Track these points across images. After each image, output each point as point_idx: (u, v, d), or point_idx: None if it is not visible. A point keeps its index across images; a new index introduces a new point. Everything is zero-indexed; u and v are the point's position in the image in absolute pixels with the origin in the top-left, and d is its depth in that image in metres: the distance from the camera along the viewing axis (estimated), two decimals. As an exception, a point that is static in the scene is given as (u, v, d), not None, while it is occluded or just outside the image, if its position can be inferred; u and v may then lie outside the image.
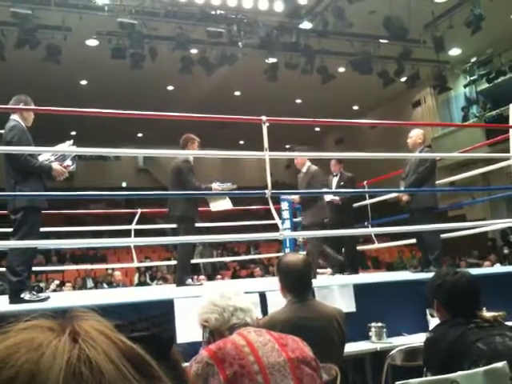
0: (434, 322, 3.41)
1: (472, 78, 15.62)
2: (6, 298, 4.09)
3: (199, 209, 5.77)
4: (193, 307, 3.10)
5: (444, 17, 12.31)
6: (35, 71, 12.68)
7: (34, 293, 4.07)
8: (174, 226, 5.80)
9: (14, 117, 4.22)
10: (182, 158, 5.57)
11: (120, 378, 0.42)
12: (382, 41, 13.02)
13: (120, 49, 11.50)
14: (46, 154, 4.28)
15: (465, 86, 16.05)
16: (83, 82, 15.32)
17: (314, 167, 5.91)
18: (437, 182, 6.07)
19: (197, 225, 5.83)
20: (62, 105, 4.43)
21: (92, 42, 12.37)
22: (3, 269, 5.08)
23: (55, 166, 4.17)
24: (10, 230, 4.09)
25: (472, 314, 2.21)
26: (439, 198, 5.91)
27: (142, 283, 11.33)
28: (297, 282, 2.71)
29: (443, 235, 5.88)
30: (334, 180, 6.72)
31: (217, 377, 1.64)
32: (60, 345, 0.42)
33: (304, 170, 5.96)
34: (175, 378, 0.47)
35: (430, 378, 2.09)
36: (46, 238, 5.21)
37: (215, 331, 1.91)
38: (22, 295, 3.83)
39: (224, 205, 5.70)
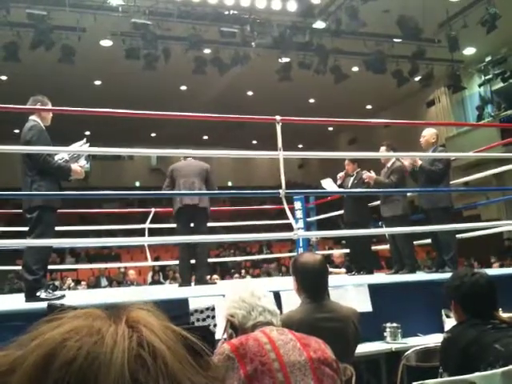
0: (449, 322, 3.39)
1: (487, 78, 15.48)
2: (22, 295, 4.12)
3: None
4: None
5: (458, 16, 12.20)
6: (50, 72, 12.79)
7: (50, 291, 4.09)
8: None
9: (33, 117, 4.24)
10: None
11: (179, 364, 0.42)
12: (395, 40, 12.95)
13: (134, 49, 11.55)
14: (60, 153, 4.29)
15: (479, 86, 15.91)
16: (97, 83, 15.42)
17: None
18: (451, 182, 6.03)
19: (209, 224, 5.93)
20: (77, 105, 4.45)
21: (106, 43, 12.45)
22: (19, 267, 5.14)
23: (74, 167, 4.17)
24: (26, 228, 4.12)
25: (489, 314, 2.19)
26: (454, 198, 5.87)
27: (155, 282, 11.38)
28: (313, 282, 2.67)
29: (458, 235, 5.83)
30: (350, 180, 6.72)
31: (237, 371, 1.63)
32: (119, 330, 0.42)
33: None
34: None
35: (446, 378, 2.07)
36: (60, 236, 5.25)
37: (239, 327, 1.90)
38: (37, 293, 3.85)
39: None
